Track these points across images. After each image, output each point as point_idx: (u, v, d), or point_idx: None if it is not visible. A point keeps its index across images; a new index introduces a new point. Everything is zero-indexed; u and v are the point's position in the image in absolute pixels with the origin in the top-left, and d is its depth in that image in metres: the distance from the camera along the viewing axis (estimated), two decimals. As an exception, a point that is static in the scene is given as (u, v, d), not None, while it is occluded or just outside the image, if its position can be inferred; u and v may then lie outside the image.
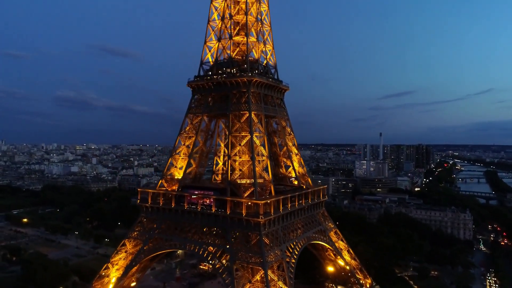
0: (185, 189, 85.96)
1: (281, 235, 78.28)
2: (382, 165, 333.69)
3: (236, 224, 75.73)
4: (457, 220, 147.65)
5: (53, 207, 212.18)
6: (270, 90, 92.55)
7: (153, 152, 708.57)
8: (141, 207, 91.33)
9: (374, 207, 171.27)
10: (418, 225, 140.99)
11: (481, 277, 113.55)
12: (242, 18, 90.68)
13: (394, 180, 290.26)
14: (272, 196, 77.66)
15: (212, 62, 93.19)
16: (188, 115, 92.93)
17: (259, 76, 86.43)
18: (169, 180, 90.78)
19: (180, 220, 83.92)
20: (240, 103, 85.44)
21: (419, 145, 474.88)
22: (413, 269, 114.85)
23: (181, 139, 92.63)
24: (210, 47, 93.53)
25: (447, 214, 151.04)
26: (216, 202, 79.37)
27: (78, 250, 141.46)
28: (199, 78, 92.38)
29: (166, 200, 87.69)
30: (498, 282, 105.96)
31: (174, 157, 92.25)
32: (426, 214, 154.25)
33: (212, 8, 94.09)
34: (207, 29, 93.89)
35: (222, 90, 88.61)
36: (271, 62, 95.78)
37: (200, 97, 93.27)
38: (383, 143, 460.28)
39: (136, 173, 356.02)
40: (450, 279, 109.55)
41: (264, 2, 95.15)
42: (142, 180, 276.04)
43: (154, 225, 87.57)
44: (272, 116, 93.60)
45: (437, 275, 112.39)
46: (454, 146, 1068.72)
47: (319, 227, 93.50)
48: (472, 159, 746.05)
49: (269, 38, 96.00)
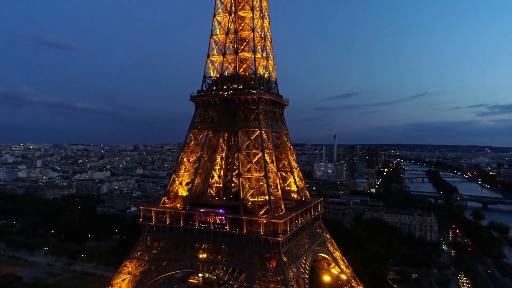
0: (194, 207, 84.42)
1: (294, 251, 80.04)
2: (340, 167, 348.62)
3: (253, 243, 76.06)
4: (424, 223, 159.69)
5: (6, 219, 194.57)
6: (274, 106, 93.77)
7: (100, 152, 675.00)
8: (143, 226, 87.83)
9: (347, 212, 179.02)
10: (392, 229, 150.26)
11: (453, 277, 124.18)
12: (247, 34, 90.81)
13: (354, 182, 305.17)
14: (288, 214, 79.10)
15: (215, 76, 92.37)
16: (192, 130, 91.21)
17: (268, 94, 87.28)
18: (172, 197, 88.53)
19: (190, 239, 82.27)
20: (249, 119, 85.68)
21: (370, 146, 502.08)
22: (395, 273, 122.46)
23: (184, 155, 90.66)
24: (213, 61, 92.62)
25: (415, 218, 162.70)
26: (230, 220, 79.00)
27: (50, 267, 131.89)
28: (203, 93, 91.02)
29: (172, 218, 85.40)
30: (470, 282, 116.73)
31: (177, 174, 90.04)
32: (397, 218, 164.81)
33: (215, 22, 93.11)
34: (210, 42, 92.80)
35: (229, 106, 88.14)
36: (272, 77, 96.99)
37: (203, 112, 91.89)
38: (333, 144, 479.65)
39: (91, 177, 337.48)
40: (428, 281, 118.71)
41: (266, 18, 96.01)
42: (102, 186, 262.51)
43: (160, 245, 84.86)
44: (276, 131, 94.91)
45: (416, 277, 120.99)
46: (394, 145, 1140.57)
47: (320, 239, 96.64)
48: (413, 159, 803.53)
49: (270, 53, 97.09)
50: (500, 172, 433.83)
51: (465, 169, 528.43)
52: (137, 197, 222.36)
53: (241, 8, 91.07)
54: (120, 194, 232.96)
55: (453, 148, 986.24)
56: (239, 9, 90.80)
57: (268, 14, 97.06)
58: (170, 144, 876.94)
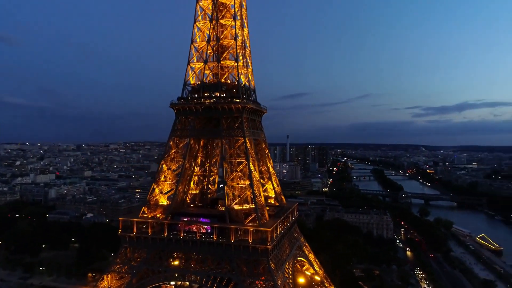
0: (177, 216, 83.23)
1: (279, 257, 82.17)
2: (295, 167, 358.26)
3: (241, 251, 76.89)
4: (381, 222, 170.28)
5: None
6: (255, 114, 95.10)
7: (39, 152, 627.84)
8: (123, 237, 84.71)
9: (309, 213, 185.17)
10: (353, 229, 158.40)
11: (411, 272, 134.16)
12: (229, 42, 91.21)
13: (310, 182, 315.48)
14: (274, 221, 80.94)
15: (195, 83, 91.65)
16: (173, 138, 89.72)
17: (252, 103, 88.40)
18: (153, 206, 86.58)
19: (175, 249, 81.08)
20: (233, 128, 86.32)
21: (320, 145, 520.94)
22: (360, 271, 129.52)
23: (165, 163, 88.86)
24: (193, 67, 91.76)
25: (373, 217, 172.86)
26: (216, 229, 79.06)
27: (4, 283, 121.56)
28: (184, 100, 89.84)
29: (154, 228, 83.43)
30: (426, 276, 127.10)
31: (157, 182, 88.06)
32: (356, 218, 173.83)
33: (195, 28, 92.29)
34: (190, 49, 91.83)
35: (212, 114, 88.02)
36: (251, 85, 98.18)
37: (184, 119, 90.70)
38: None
39: (34, 181, 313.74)
40: (389, 277, 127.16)
41: (245, 26, 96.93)
42: (50, 191, 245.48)
43: (142, 256, 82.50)
44: (256, 138, 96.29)
45: (378, 274, 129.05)
46: (340, 144, 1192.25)
47: (297, 243, 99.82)
48: (358, 157, 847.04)
49: (249, 61, 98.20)
50: (437, 170, 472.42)
51: (406, 167, 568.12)
52: (92, 202, 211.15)
53: (223, 16, 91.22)
54: (72, 199, 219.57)
55: (392, 147, 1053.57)
56: (220, 17, 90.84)
57: (247, 22, 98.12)
58: (115, 143, 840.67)
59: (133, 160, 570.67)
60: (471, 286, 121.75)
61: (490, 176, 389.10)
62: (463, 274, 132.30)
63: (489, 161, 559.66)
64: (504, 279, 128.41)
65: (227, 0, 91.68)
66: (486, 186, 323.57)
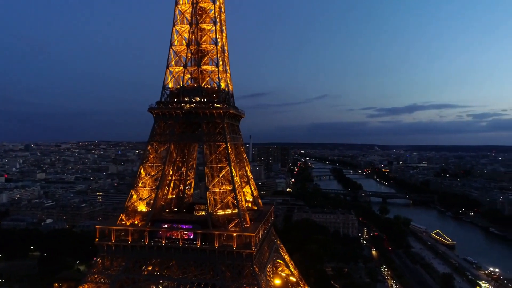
0: (158, 223, 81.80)
1: (261, 261, 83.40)
2: (259, 168, 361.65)
3: (226, 257, 77.15)
4: (347, 221, 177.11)
5: None
6: (234, 119, 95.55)
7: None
8: (100, 246, 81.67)
9: (278, 213, 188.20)
10: (321, 228, 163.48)
11: (377, 268, 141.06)
12: (208, 47, 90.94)
13: (275, 182, 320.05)
14: (256, 225, 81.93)
15: (173, 87, 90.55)
16: (151, 143, 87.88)
17: (233, 108, 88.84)
18: (131, 213, 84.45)
19: (156, 257, 79.65)
20: (214, 133, 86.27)
21: (282, 145, 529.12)
22: (330, 269, 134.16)
23: (143, 168, 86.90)
24: (171, 71, 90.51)
25: (339, 216, 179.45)
26: (199, 235, 78.71)
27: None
28: (163, 104, 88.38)
29: (133, 236, 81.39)
30: (391, 272, 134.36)
31: (136, 188, 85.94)
32: (323, 217, 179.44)
33: (174, 32, 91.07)
34: (169, 53, 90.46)
35: (193, 119, 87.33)
36: (229, 89, 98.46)
37: (163, 124, 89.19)
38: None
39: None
40: (358, 274, 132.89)
41: (224, 31, 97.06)
42: (1, 196, 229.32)
43: (121, 265, 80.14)
44: (235, 143, 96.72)
45: (347, 272, 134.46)
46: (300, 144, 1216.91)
47: (274, 246, 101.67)
48: (317, 157, 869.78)
49: (228, 65, 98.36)
50: (391, 169, 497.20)
51: (363, 166, 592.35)
52: (50, 207, 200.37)
53: (202, 20, 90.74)
54: (28, 204, 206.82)
55: (349, 147, 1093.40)
56: (200, 21, 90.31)
57: (225, 26, 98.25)
58: (67, 142, 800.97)
59: (89, 161, 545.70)
60: (431, 280, 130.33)
61: (439, 174, 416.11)
62: (424, 268, 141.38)
63: (437, 160, 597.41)
64: (459, 272, 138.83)
65: (206, 4, 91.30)
66: (437, 184, 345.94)
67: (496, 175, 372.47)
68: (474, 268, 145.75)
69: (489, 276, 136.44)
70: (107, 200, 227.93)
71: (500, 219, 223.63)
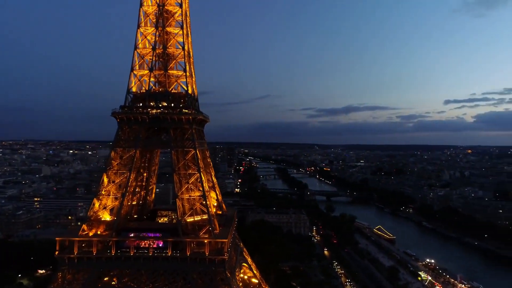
0: (124, 232, 79.00)
1: (231, 266, 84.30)
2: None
3: (198, 264, 76.94)
4: (299, 221, 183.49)
5: None
6: (200, 124, 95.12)
7: None
8: (61, 259, 76.82)
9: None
10: (276, 229, 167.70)
11: (330, 266, 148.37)
12: (175, 51, 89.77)
13: (224, 183, 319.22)
14: (226, 231, 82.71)
15: (138, 91, 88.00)
16: (115, 149, 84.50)
17: (201, 114, 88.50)
18: (94, 223, 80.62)
19: (124, 268, 76.97)
20: (182, 139, 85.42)
21: (228, 145, 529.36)
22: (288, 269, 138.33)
23: (106, 175, 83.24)
24: (135, 74, 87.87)
25: (291, 216, 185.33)
26: (170, 243, 77.56)
27: None
28: (127, 108, 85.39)
29: (98, 247, 77.74)
30: (344, 269, 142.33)
31: (98, 197, 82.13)
32: (276, 218, 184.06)
33: (139, 34, 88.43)
34: (134, 55, 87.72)
35: (160, 124, 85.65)
36: (194, 94, 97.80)
37: (128, 129, 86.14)
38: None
39: None
40: (313, 272, 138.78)
41: (189, 35, 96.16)
42: None
43: (84, 278, 76.14)
44: (201, 148, 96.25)
45: (303, 271, 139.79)
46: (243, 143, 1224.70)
47: (239, 249, 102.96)
48: (261, 156, 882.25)
49: (193, 69, 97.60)
50: (332, 168, 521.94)
51: (305, 165, 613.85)
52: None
53: (169, 24, 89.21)
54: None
55: (291, 146, 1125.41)
56: (166, 24, 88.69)
57: (191, 30, 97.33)
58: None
59: (17, 162, 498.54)
60: (379, 273, 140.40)
61: (376, 172, 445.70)
62: (371, 263, 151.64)
63: (372, 159, 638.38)
64: (402, 264, 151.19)
65: (172, 7, 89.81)
66: (375, 182, 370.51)
67: (424, 173, 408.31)
68: (413, 260, 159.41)
69: (426, 266, 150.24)
70: (46, 206, 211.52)
71: (431, 214, 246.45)
